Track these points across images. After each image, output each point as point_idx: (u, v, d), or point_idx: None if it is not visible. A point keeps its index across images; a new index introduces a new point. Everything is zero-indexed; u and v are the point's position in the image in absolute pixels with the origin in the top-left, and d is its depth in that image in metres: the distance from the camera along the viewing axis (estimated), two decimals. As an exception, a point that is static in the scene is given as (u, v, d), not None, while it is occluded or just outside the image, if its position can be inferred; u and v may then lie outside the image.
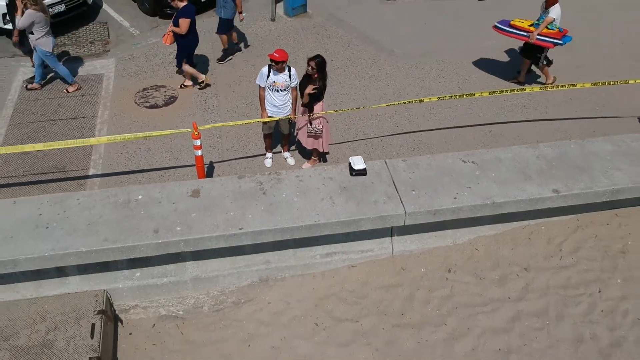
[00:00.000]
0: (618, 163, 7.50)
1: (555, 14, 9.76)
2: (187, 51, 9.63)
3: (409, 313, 7.00)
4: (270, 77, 8.00)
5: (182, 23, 9.13)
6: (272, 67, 7.98)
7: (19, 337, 6.39)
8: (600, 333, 6.74)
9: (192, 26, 9.38)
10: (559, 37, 9.83)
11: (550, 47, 9.79)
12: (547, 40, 9.84)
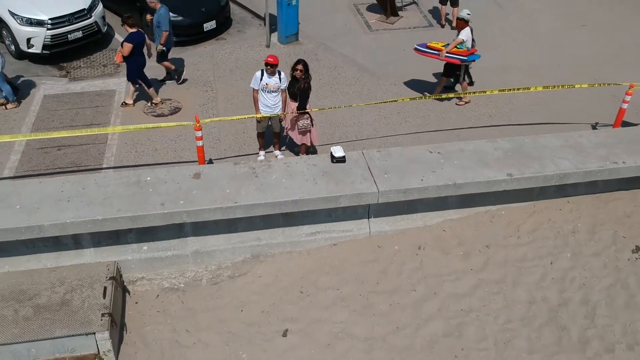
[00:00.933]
0: (565, 154, 8.53)
1: (464, 35, 11.01)
2: (135, 69, 10.87)
3: (383, 282, 7.90)
4: (264, 80, 9.11)
5: (125, 47, 10.46)
6: (265, 71, 9.11)
7: (40, 297, 7.27)
8: (550, 296, 7.63)
9: (137, 50, 10.66)
10: (466, 55, 11.04)
11: (457, 63, 11.08)
12: (454, 57, 11.06)
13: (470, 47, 11.04)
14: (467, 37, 10.95)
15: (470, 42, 11.01)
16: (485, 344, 7.11)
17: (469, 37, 10.97)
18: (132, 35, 10.50)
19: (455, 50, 10.96)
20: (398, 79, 12.06)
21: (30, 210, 7.29)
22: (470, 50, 10.98)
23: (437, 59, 11.18)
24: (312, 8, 14.56)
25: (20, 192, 7.60)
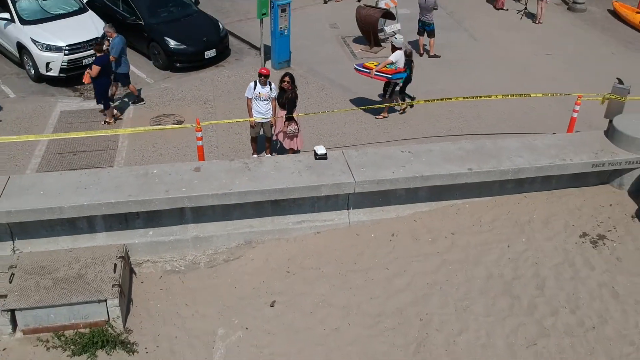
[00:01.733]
0: (521, 153, 9.67)
1: (394, 57, 12.31)
2: (102, 89, 11.95)
3: (359, 262, 8.92)
4: (257, 89, 10.29)
5: (94, 68, 11.62)
6: (258, 82, 10.32)
7: (58, 272, 8.28)
8: (506, 272, 8.65)
9: (104, 71, 11.75)
10: (391, 73, 12.30)
11: (384, 80, 12.39)
12: (382, 75, 12.35)
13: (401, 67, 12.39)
14: (396, 59, 12.23)
15: (401, 63, 12.29)
16: (447, 309, 8.10)
17: (399, 59, 12.25)
18: (99, 59, 11.67)
19: (384, 69, 12.27)
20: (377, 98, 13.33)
21: (52, 195, 8.38)
22: (397, 70, 12.33)
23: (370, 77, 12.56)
24: (303, 39, 15.94)
25: (44, 182, 8.71)
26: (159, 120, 12.09)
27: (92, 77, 11.59)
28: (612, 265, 8.66)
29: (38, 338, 7.96)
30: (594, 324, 7.80)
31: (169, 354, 7.83)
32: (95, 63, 11.62)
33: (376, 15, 15.08)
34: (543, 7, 17.45)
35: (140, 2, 14.91)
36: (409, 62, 12.55)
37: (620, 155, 9.65)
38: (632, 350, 7.44)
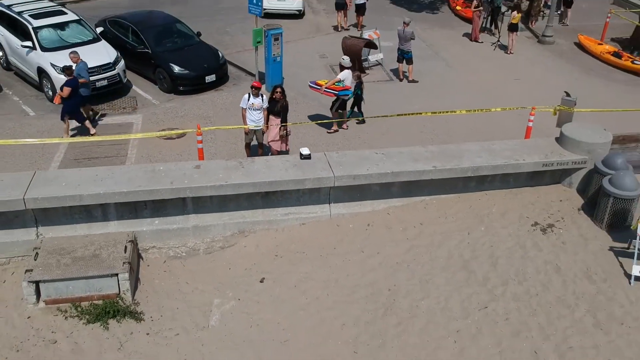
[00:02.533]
0: (480, 154, 11.00)
1: (342, 76, 13.82)
2: (69, 109, 13.16)
3: (339, 247, 10.16)
4: (250, 100, 11.70)
5: (65, 90, 12.90)
6: (251, 94, 11.77)
7: (76, 252, 9.52)
8: (465, 253, 9.88)
9: (73, 93, 13.02)
10: (338, 90, 13.78)
11: (331, 96, 13.90)
12: (330, 92, 13.86)
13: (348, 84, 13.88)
14: (344, 77, 13.79)
15: (348, 81, 13.81)
16: (412, 282, 9.31)
17: (346, 77, 13.80)
18: (69, 81, 12.97)
19: (333, 86, 13.76)
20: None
21: (72, 186, 9.67)
22: (344, 87, 13.80)
23: (320, 93, 14.08)
24: (295, 67, 17.49)
25: (65, 176, 10.02)
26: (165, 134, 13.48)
27: (62, 98, 12.87)
28: (558, 248, 9.90)
29: (58, 308, 9.12)
30: (538, 292, 9.01)
31: (171, 321, 9.00)
32: (66, 85, 12.88)
33: (360, 45, 16.68)
34: (514, 39, 19.11)
35: (147, 33, 16.51)
36: (359, 84, 14.07)
37: (567, 156, 11.00)
38: (568, 312, 8.63)
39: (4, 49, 16.44)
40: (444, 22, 22.71)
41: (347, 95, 13.95)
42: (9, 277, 9.71)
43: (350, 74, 13.83)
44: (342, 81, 13.80)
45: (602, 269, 9.40)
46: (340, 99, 13.89)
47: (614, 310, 8.62)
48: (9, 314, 9.07)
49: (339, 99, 13.89)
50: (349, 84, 13.87)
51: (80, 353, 8.51)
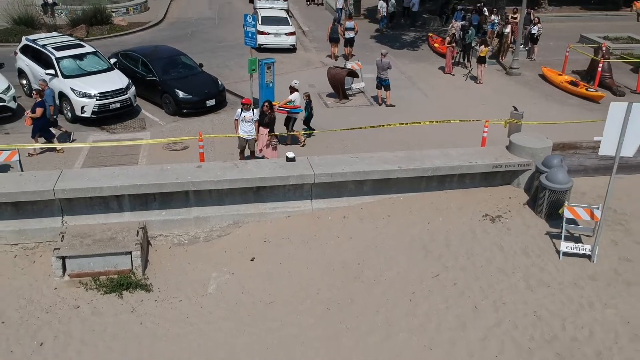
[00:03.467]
0: (439, 158, 12.80)
1: (293, 97, 15.80)
2: (39, 128, 14.76)
3: (318, 235, 11.86)
4: (242, 114, 13.61)
5: (38, 110, 14.56)
6: (243, 108, 13.74)
7: (96, 236, 11.23)
8: (425, 238, 11.58)
9: (44, 113, 14.72)
10: (290, 108, 15.80)
11: (283, 113, 15.83)
12: (282, 110, 15.81)
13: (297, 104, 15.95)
14: (294, 98, 15.84)
15: (298, 102, 15.86)
16: (378, 259, 10.99)
17: (296, 98, 15.86)
18: (40, 103, 14.64)
19: (285, 105, 15.81)
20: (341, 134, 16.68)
21: (94, 180, 11.45)
22: (295, 106, 15.87)
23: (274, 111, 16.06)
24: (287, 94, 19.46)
25: (87, 173, 11.81)
26: (170, 145, 15.36)
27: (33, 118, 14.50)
28: (503, 232, 11.63)
29: (80, 281, 10.78)
30: (482, 264, 10.70)
31: (175, 291, 10.65)
32: (38, 106, 14.53)
33: (343, 73, 18.72)
34: (482, 70, 21.20)
35: (156, 63, 18.56)
36: (308, 103, 16.12)
37: (514, 159, 12.83)
38: (506, 278, 10.30)
39: (28, 77, 18.44)
40: (422, 58, 24.90)
41: (297, 113, 15.97)
42: (38, 258, 11.38)
43: (299, 95, 15.83)
44: (293, 101, 15.82)
45: (538, 247, 11.12)
46: (292, 118, 15.88)
47: (543, 277, 10.30)
48: (39, 286, 10.72)
49: (291, 117, 15.87)
50: (299, 104, 15.93)
51: (99, 315, 10.13)
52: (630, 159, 13.28)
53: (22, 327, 9.74)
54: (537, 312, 9.54)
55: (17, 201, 11.20)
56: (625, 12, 33.95)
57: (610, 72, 20.86)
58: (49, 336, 9.57)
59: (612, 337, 9.04)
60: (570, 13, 33.84)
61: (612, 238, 11.30)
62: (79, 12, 28.67)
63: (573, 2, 37.11)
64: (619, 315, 9.41)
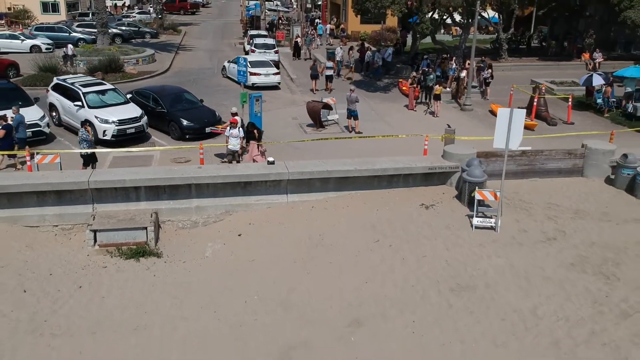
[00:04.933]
0: (388, 163, 16.20)
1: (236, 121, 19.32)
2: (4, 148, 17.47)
3: (291, 219, 15.06)
4: (230, 131, 17.08)
5: (1, 132, 17.44)
6: (231, 127, 17.21)
7: (119, 217, 14.46)
8: (373, 220, 14.75)
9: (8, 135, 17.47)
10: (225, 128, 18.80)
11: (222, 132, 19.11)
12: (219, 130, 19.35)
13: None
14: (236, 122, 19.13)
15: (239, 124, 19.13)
16: (336, 235, 14.13)
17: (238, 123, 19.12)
18: (5, 126, 17.51)
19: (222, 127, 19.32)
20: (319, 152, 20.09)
21: (118, 176, 14.79)
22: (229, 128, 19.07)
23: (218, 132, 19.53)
24: (273, 125, 23.00)
25: (113, 171, 15.15)
26: (176, 158, 18.76)
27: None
28: (433, 215, 14.87)
29: (107, 250, 13.90)
30: (413, 234, 13.86)
31: (180, 256, 13.75)
32: (2, 128, 17.43)
33: (319, 106, 22.34)
34: (438, 106, 24.87)
35: (164, 98, 22.17)
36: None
37: (446, 164, 16.22)
38: (429, 242, 13.47)
39: (58, 110, 22.00)
40: (392, 99, 28.66)
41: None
42: (73, 236, 14.52)
43: (239, 119, 19.26)
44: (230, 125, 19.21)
45: (457, 224, 14.35)
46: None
47: (457, 241, 13.50)
48: (75, 253, 13.82)
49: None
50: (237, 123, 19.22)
51: (122, 272, 13.21)
52: (541, 166, 16.80)
53: (65, 277, 12.83)
54: (448, 261, 12.71)
55: (60, 190, 14.50)
56: (576, 62, 38.11)
57: (545, 106, 24.57)
58: (84, 282, 12.65)
59: (499, 274, 12.20)
60: (528, 63, 38.05)
61: (515, 218, 14.58)
62: (95, 62, 32.62)
63: (531, 54, 41.55)
64: (507, 263, 12.59)
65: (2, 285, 12.24)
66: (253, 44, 37.23)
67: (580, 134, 20.64)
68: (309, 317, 11.12)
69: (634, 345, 9.97)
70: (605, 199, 15.79)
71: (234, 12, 72.48)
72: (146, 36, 48.24)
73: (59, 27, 45.83)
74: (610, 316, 10.75)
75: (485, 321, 10.83)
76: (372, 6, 28.99)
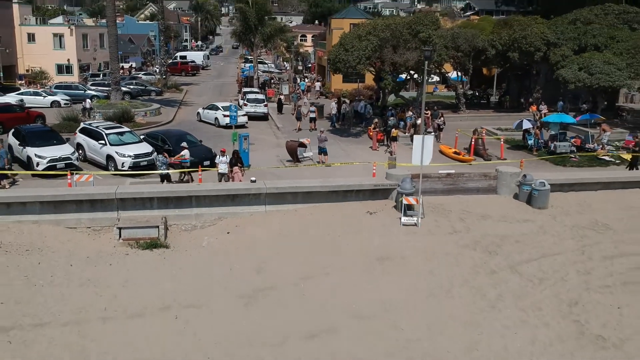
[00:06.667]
0: (344, 182, 20.94)
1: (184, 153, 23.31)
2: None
3: (269, 222, 19.69)
4: (220, 158, 21.90)
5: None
6: (220, 154, 22.00)
7: (137, 219, 19.05)
8: (333, 223, 19.36)
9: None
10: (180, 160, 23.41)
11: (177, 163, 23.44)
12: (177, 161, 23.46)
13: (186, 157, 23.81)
14: (185, 154, 23.43)
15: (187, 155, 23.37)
16: (299, 230, 18.77)
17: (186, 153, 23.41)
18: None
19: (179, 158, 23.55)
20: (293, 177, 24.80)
21: (137, 189, 19.49)
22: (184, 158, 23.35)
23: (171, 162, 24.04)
24: (260, 161, 27.86)
25: (134, 186, 19.88)
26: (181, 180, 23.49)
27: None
28: (374, 219, 19.39)
29: (128, 243, 18.40)
30: (354, 231, 18.47)
31: (183, 247, 18.24)
32: None
33: (295, 145, 27.25)
34: (395, 146, 29.80)
35: (170, 139, 27.06)
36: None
37: (387, 182, 20.95)
38: (368, 235, 18.06)
39: (84, 148, 26.84)
40: (360, 142, 33.63)
41: (187, 163, 23.52)
42: (102, 235, 19.00)
43: (188, 152, 23.78)
44: (184, 155, 23.61)
45: (391, 223, 18.93)
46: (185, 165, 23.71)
47: (388, 233, 18.04)
48: (104, 246, 18.30)
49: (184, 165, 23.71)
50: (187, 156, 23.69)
51: (140, 256, 17.64)
52: (462, 185, 21.58)
53: (99, 259, 17.22)
54: (378, 244, 17.28)
55: (92, 199, 19.13)
56: (527, 114, 43.44)
57: (483, 146, 29.55)
58: (113, 262, 17.04)
59: (412, 251, 16.71)
60: (483, 114, 43.34)
61: (435, 219, 19.21)
62: (110, 113, 37.75)
63: (490, 108, 47.05)
64: (421, 245, 17.13)
65: (55, 261, 16.66)
66: (246, 99, 42.61)
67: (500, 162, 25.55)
68: (273, 275, 15.60)
69: (492, 288, 14.48)
70: (508, 208, 20.50)
71: (231, 73, 78.61)
72: (152, 94, 53.70)
73: (75, 85, 51.36)
74: (482, 274, 15.27)
75: (396, 278, 15.33)
76: (341, 66, 34.41)
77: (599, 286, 14.54)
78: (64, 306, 13.85)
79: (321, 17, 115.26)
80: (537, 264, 15.78)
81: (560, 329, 12.73)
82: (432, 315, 13.30)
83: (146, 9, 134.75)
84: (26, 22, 68.29)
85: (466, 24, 54.51)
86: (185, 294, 14.68)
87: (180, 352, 12.10)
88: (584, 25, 41.69)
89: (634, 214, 19.97)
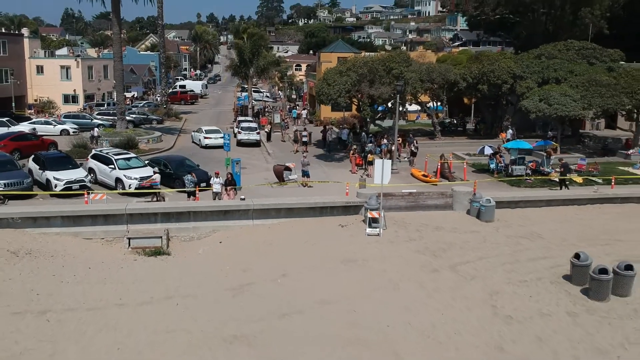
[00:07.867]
0: (320, 199, 24.38)
1: (156, 177, 27.02)
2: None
3: (256, 234, 23.04)
4: (214, 179, 25.29)
5: None
6: (214, 176, 25.42)
7: (144, 231, 22.42)
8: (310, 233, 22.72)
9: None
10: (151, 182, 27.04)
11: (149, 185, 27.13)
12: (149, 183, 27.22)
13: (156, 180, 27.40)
14: (157, 178, 26.97)
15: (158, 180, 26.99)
16: (283, 240, 22.08)
17: (157, 178, 27.02)
18: None
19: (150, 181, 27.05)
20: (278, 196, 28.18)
21: (144, 205, 22.91)
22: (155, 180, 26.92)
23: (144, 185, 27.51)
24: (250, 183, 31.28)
25: (140, 203, 23.32)
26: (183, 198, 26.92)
27: None
28: (345, 231, 22.70)
29: (136, 251, 21.75)
30: (328, 237, 21.80)
31: (183, 254, 21.56)
32: None
33: (281, 168, 30.73)
34: (371, 169, 33.36)
35: (171, 163, 30.54)
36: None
37: (357, 200, 24.39)
38: (336, 242, 21.42)
39: (95, 172, 30.29)
40: (342, 165, 37.13)
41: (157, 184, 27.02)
42: (114, 245, 22.35)
43: (159, 176, 27.29)
44: (155, 179, 27.01)
45: (358, 234, 22.28)
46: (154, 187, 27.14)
47: (354, 241, 21.35)
48: (115, 253, 21.66)
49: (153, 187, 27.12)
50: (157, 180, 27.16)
51: (146, 262, 20.98)
52: (423, 203, 25.07)
53: (112, 263, 20.52)
54: (344, 250, 20.64)
55: (106, 214, 22.52)
56: (497, 140, 47.18)
57: (448, 169, 33.09)
58: (124, 265, 20.35)
59: (372, 255, 20.07)
60: (457, 141, 46.95)
61: (395, 230, 22.59)
62: (116, 140, 41.29)
63: (465, 135, 50.79)
64: (380, 251, 20.51)
65: (76, 265, 19.95)
66: (240, 127, 46.25)
67: (461, 183, 29.07)
68: (256, 274, 18.92)
69: (432, 282, 17.83)
70: (459, 221, 23.93)
71: (228, 101, 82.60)
72: (153, 122, 57.35)
73: (82, 115, 55.06)
74: (426, 272, 18.64)
75: (356, 275, 18.67)
76: (324, 99, 38.17)
77: (519, 281, 17.90)
78: (87, 297, 17.10)
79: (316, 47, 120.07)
80: (472, 264, 19.14)
81: (479, 311, 16.05)
82: (379, 302, 16.61)
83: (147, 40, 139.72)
84: (35, 55, 72.22)
85: (446, 57, 58.85)
86: (184, 287, 17.96)
87: (182, 327, 15.37)
88: (548, 59, 45.68)
89: (565, 226, 23.44)
